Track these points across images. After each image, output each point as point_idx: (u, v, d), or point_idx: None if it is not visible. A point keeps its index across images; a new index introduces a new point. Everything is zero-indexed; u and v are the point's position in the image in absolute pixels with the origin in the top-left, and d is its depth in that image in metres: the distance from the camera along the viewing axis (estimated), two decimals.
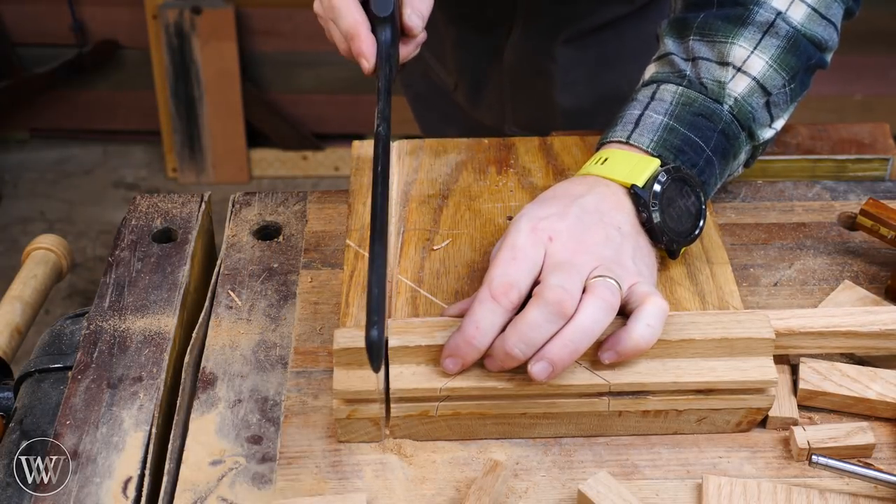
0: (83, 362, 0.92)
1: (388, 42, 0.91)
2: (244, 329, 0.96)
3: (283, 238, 1.05)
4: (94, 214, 2.86)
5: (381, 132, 0.85)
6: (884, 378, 0.86)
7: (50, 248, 1.08)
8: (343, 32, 0.91)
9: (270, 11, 2.81)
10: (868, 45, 2.81)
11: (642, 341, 0.81)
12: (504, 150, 1.07)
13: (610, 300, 0.80)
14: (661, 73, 0.97)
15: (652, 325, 0.81)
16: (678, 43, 0.97)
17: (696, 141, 0.92)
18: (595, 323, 0.80)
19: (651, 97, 0.95)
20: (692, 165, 0.91)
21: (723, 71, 0.94)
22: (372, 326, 0.73)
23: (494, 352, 0.80)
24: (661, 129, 0.92)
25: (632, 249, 0.86)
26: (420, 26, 0.93)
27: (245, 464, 0.84)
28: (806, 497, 0.80)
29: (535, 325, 0.79)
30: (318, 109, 2.94)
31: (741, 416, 0.85)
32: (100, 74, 2.96)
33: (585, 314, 0.79)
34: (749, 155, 0.98)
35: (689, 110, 0.93)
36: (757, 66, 0.94)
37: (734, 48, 0.94)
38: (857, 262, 1.01)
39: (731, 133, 0.93)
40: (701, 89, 0.94)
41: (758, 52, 0.94)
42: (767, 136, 0.97)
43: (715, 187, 0.95)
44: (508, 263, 0.82)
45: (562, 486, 0.82)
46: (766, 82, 0.94)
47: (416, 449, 0.85)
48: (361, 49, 0.90)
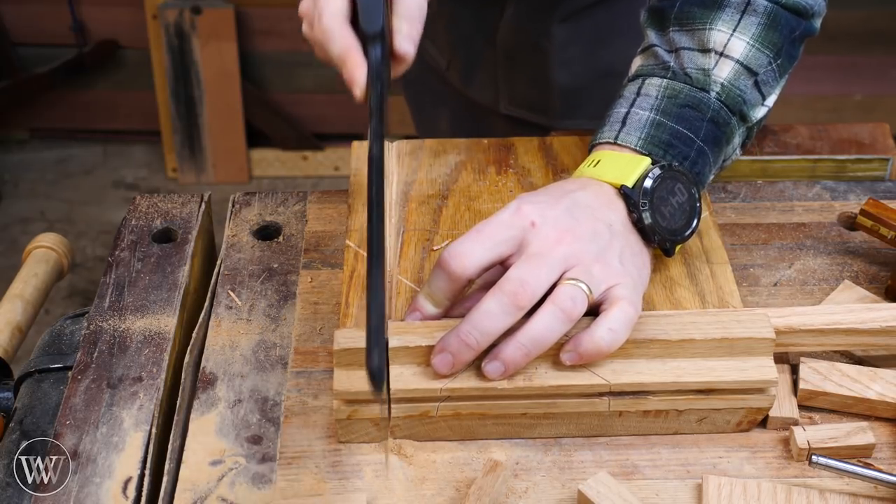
0: (83, 362, 0.92)
1: (379, 60, 0.89)
2: (244, 329, 0.96)
3: (283, 238, 1.05)
4: (94, 214, 2.86)
5: (374, 153, 0.83)
6: (884, 378, 0.86)
7: (51, 246, 1.08)
8: (335, 58, 0.89)
9: (270, 11, 2.81)
10: (868, 45, 2.81)
11: (603, 344, 0.80)
12: (503, 151, 1.07)
13: (569, 310, 0.80)
14: (646, 67, 0.97)
15: (614, 330, 0.80)
16: (660, 35, 0.97)
17: (684, 133, 0.91)
18: (548, 331, 0.80)
19: (637, 93, 0.94)
20: (683, 158, 0.91)
21: (705, 58, 0.93)
22: (372, 354, 0.73)
23: (449, 342, 0.80)
24: (647, 125, 0.91)
25: (620, 248, 0.85)
26: (412, 53, 0.91)
27: (245, 464, 0.84)
28: (806, 497, 0.80)
29: (488, 313, 0.79)
30: (318, 109, 2.94)
31: (741, 416, 0.85)
32: (100, 74, 2.96)
33: (539, 321, 0.80)
34: (744, 137, 0.97)
35: (675, 102, 0.92)
36: (739, 49, 0.93)
37: (713, 33, 0.93)
38: (857, 262, 1.01)
39: (720, 120, 0.93)
40: (686, 79, 0.94)
41: (738, 33, 0.93)
42: (760, 115, 0.96)
43: (711, 175, 0.94)
44: (469, 237, 0.82)
45: (562, 486, 0.82)
46: (751, 63, 0.93)
47: (416, 449, 0.85)
48: (353, 76, 0.88)
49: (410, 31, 0.91)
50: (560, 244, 0.82)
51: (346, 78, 0.89)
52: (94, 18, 2.89)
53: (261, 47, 2.86)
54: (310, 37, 0.94)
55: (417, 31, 0.92)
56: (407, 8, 0.91)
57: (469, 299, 0.85)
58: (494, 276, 0.83)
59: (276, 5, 2.79)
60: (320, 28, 0.90)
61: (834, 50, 2.78)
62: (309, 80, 2.89)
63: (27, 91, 2.94)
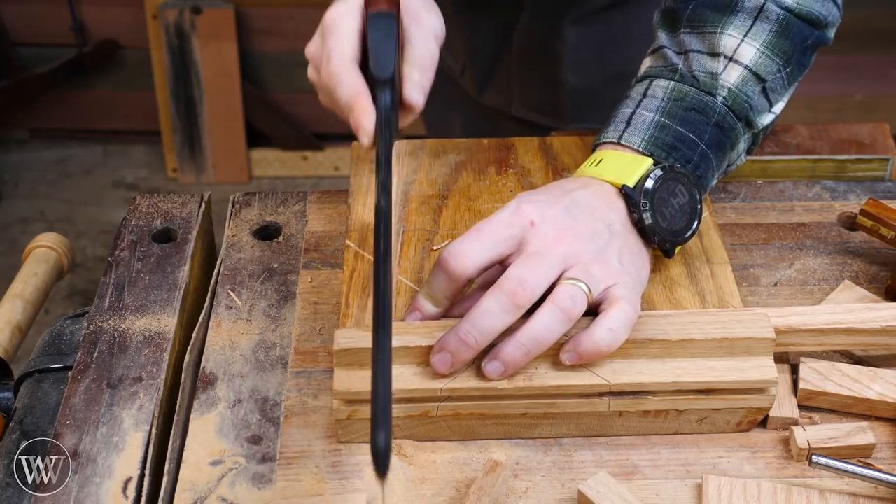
0: (83, 362, 0.92)
1: (388, 106, 0.87)
2: (244, 329, 0.96)
3: (283, 238, 1.05)
4: (94, 214, 2.86)
5: (382, 205, 0.81)
6: (884, 378, 0.86)
7: (51, 246, 1.08)
8: (343, 103, 0.88)
9: (270, 11, 2.81)
10: (868, 45, 2.81)
11: (602, 344, 0.80)
12: (503, 151, 1.07)
13: (569, 310, 0.80)
14: (655, 68, 0.96)
15: (614, 330, 0.80)
16: (670, 36, 0.97)
17: (688, 136, 0.91)
18: (548, 331, 0.80)
19: (644, 94, 0.94)
20: (686, 161, 0.91)
21: (714, 62, 0.93)
22: (378, 432, 0.69)
23: (448, 341, 0.80)
24: (652, 126, 0.91)
25: (619, 248, 0.85)
26: (421, 103, 0.90)
27: (245, 464, 0.84)
28: (806, 497, 0.80)
29: (487, 312, 0.79)
30: (318, 109, 2.90)
31: (741, 416, 0.85)
32: (100, 74, 2.96)
33: (539, 321, 0.80)
34: (750, 142, 0.97)
35: (680, 105, 0.92)
36: (748, 55, 0.93)
37: (724, 38, 0.93)
38: (857, 262, 1.01)
39: (726, 125, 0.93)
40: (693, 83, 0.93)
41: (748, 39, 0.93)
42: (767, 122, 0.96)
43: (714, 179, 0.94)
44: (469, 236, 0.82)
45: (562, 486, 0.82)
46: (760, 70, 0.93)
47: (416, 449, 0.85)
48: (361, 122, 0.87)
49: (422, 80, 0.90)
50: (559, 243, 0.82)
51: (353, 124, 0.88)
52: (94, 18, 2.89)
53: (261, 47, 2.86)
54: (316, 82, 0.93)
55: (429, 81, 0.91)
56: (419, 56, 0.90)
57: (469, 299, 0.85)
58: (494, 275, 0.83)
59: (276, 5, 2.79)
60: (328, 71, 0.89)
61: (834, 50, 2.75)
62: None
63: (27, 91, 2.94)
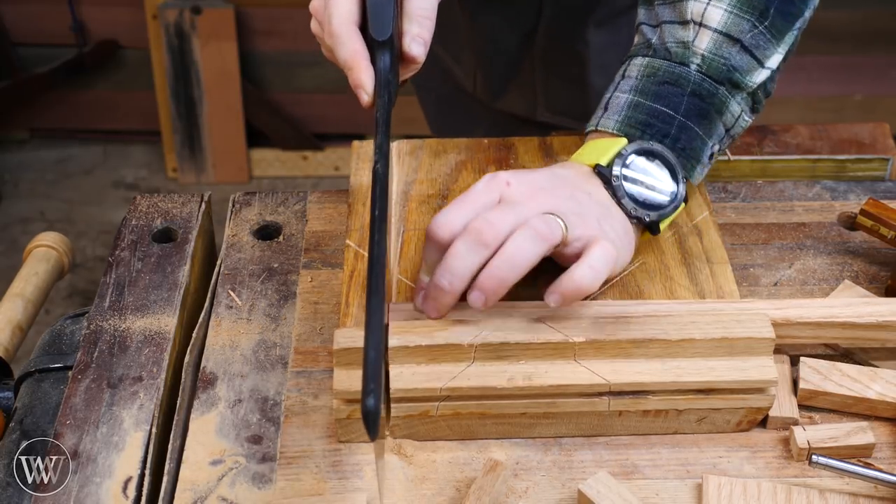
0: (83, 362, 0.92)
1: (387, 68, 0.87)
2: (244, 329, 0.96)
3: (283, 238, 1.05)
4: (94, 214, 2.86)
5: (378, 169, 0.82)
6: (884, 378, 0.87)
7: (51, 245, 1.08)
8: (342, 63, 0.89)
9: (270, 11, 2.80)
10: (868, 45, 2.81)
11: (584, 282, 0.80)
12: (503, 150, 1.07)
13: (541, 230, 0.80)
14: (634, 47, 0.97)
15: (595, 267, 0.80)
16: (647, 11, 0.97)
17: (662, 111, 0.91)
18: (522, 250, 0.80)
19: (622, 76, 0.95)
20: (664, 136, 0.91)
21: (685, 31, 0.93)
22: (368, 394, 0.69)
23: (429, 289, 0.82)
24: (626, 107, 0.92)
25: (599, 213, 0.86)
26: (422, 55, 0.90)
27: (245, 463, 0.84)
28: (806, 497, 0.80)
29: (457, 255, 0.80)
30: (318, 109, 2.94)
31: (741, 416, 0.85)
32: (100, 74, 2.95)
33: (512, 241, 0.80)
34: (749, 103, 0.95)
35: (652, 81, 0.93)
36: (716, 17, 0.92)
37: (690, 3, 0.93)
38: (857, 262, 1.01)
39: (704, 92, 0.92)
40: (665, 55, 0.94)
41: (714, 1, 0.92)
42: (761, 79, 0.94)
43: (712, 147, 0.94)
44: (450, 206, 0.83)
45: (562, 486, 0.82)
46: (731, 30, 0.92)
47: (416, 449, 0.85)
48: (360, 80, 0.87)
49: (421, 31, 0.90)
50: (534, 199, 0.83)
51: (352, 83, 0.88)
52: (94, 18, 2.89)
53: (261, 47, 2.85)
54: (319, 36, 0.94)
55: (429, 32, 0.90)
56: (416, 7, 0.90)
57: None
58: None
59: (276, 5, 2.79)
60: (329, 31, 0.90)
61: (834, 50, 2.78)
62: (309, 80, 2.89)
63: (27, 91, 2.94)
